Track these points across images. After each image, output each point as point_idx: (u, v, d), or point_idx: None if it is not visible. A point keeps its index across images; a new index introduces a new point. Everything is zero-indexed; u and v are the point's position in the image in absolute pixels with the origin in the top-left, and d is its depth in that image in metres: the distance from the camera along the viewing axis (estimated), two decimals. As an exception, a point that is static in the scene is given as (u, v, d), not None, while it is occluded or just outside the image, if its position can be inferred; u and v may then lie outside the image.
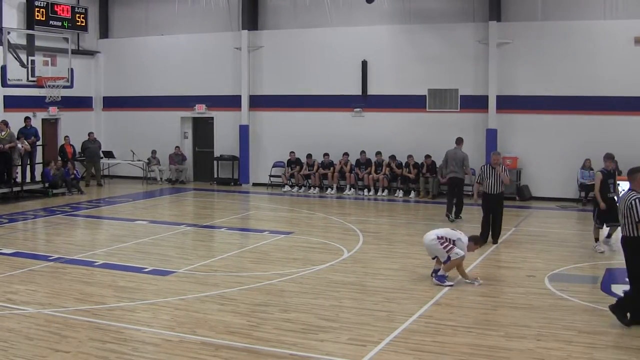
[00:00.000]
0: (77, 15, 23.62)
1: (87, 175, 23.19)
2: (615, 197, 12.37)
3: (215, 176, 23.77)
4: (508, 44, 19.84)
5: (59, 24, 22.78)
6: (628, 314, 8.32)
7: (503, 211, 13.73)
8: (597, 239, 12.84)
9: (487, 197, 13.48)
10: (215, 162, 23.76)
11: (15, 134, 19.54)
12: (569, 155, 19.24)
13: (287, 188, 21.83)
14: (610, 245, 12.63)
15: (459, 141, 16.76)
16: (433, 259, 10.60)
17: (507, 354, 7.48)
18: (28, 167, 20.17)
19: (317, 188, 21.43)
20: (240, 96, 23.01)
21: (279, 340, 7.87)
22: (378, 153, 20.80)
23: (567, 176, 19.32)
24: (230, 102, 23.16)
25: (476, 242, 10.93)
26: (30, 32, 21.23)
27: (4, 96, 20.84)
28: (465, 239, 10.47)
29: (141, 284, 10.34)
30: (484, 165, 13.88)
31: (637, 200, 8.11)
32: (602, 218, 12.55)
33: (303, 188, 21.68)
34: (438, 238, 10.35)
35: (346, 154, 21.26)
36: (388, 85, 21.30)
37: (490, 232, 13.52)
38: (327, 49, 21.92)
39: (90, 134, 23.50)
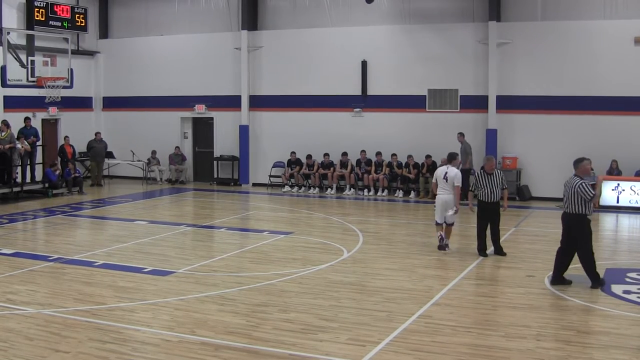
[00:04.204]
0: (77, 15, 23.62)
1: (92, 175, 23.18)
2: None
3: (215, 176, 23.77)
4: (508, 44, 19.84)
5: (59, 24, 22.77)
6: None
7: (500, 219, 12.57)
8: None
9: (483, 205, 12.40)
10: (215, 162, 23.76)
11: (15, 134, 19.55)
12: (569, 155, 18.87)
13: (287, 188, 21.84)
14: None
15: (461, 135, 19.76)
16: (439, 224, 12.70)
17: (506, 354, 7.48)
18: (28, 168, 20.17)
19: (317, 188, 21.43)
20: (240, 96, 23.01)
21: (278, 340, 7.87)
22: (378, 153, 20.80)
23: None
24: (230, 102, 23.15)
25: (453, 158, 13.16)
26: (30, 32, 21.22)
27: (4, 96, 20.84)
28: (453, 170, 12.60)
29: (141, 284, 10.34)
30: (478, 172, 12.88)
31: (583, 185, 10.48)
32: None
33: (303, 188, 21.68)
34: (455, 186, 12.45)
35: (345, 153, 21.26)
36: (388, 86, 21.29)
37: (493, 245, 12.50)
38: (327, 49, 21.92)
39: (97, 133, 23.56)
